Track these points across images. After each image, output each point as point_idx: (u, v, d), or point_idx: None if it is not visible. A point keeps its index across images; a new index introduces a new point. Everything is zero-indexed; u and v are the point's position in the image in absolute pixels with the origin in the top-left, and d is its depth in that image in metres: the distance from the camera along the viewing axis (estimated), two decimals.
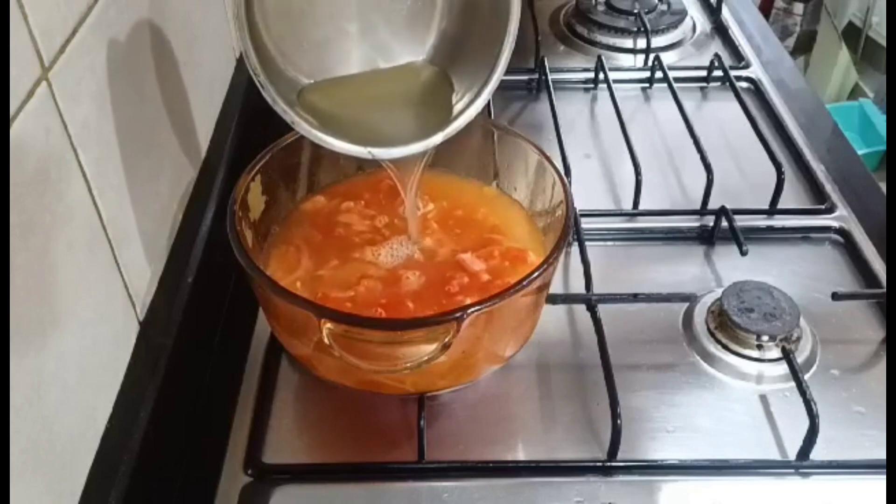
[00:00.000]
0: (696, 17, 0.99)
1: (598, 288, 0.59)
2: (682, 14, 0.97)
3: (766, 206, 0.69)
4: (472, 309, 0.44)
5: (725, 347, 0.57)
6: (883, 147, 1.83)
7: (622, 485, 0.50)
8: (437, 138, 0.50)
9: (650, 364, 0.57)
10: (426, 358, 0.44)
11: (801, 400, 0.51)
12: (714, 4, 1.00)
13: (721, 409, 0.54)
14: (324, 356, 0.47)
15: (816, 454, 0.51)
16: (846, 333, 0.59)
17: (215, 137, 0.67)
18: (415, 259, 0.55)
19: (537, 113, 0.83)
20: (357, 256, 0.55)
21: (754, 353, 0.56)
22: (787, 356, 0.55)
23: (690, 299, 0.60)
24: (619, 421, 0.50)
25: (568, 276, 0.64)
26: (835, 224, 0.68)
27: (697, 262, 0.66)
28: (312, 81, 0.51)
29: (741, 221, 0.66)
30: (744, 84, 0.86)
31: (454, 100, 0.52)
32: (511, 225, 0.58)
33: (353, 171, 0.62)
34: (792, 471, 0.51)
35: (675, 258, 0.66)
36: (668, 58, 0.89)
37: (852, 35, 2.13)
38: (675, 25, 0.95)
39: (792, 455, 0.51)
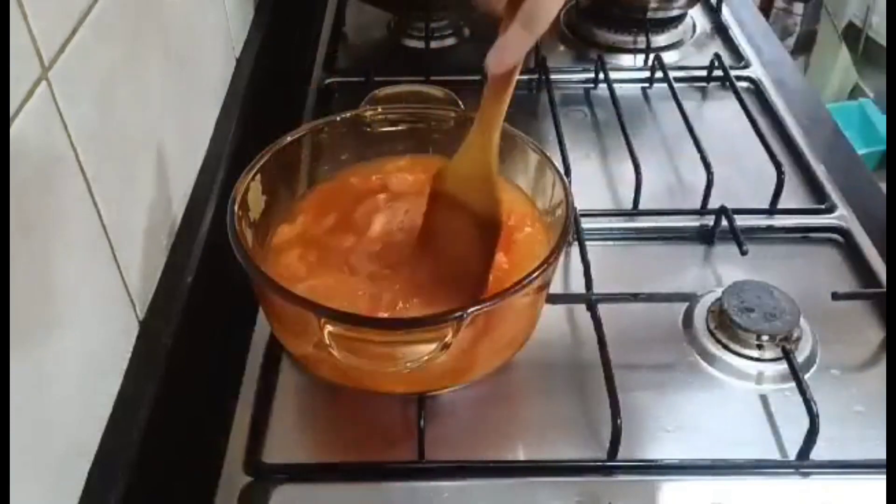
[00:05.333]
0: (696, 16, 0.99)
1: (598, 288, 0.59)
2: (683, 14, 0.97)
3: (766, 206, 0.69)
4: (472, 309, 0.44)
5: (725, 347, 0.57)
6: (883, 147, 1.83)
7: (622, 485, 0.50)
8: None
9: (650, 364, 0.57)
10: (426, 358, 0.44)
11: (801, 400, 0.51)
12: (714, 4, 1.00)
13: (721, 409, 0.54)
14: (324, 356, 0.47)
15: (816, 454, 0.51)
16: (846, 333, 0.59)
17: (215, 137, 0.67)
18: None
19: (537, 113, 0.83)
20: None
21: (754, 353, 0.56)
22: (787, 356, 0.55)
23: (690, 299, 0.60)
24: (619, 421, 0.50)
25: (568, 276, 0.64)
26: (835, 224, 0.68)
27: (697, 261, 0.66)
28: None
29: (741, 221, 0.66)
30: (744, 84, 0.86)
31: None
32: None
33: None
34: (792, 470, 0.51)
35: (674, 258, 0.66)
36: (668, 57, 0.89)
37: (852, 35, 2.13)
38: (675, 25, 0.95)
39: (792, 455, 0.51)
